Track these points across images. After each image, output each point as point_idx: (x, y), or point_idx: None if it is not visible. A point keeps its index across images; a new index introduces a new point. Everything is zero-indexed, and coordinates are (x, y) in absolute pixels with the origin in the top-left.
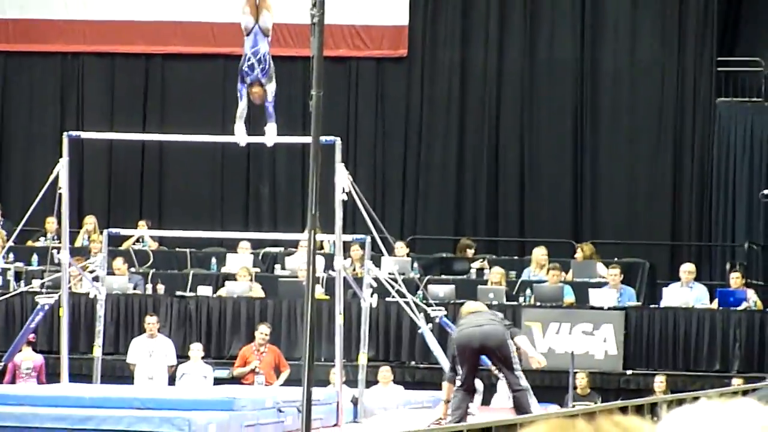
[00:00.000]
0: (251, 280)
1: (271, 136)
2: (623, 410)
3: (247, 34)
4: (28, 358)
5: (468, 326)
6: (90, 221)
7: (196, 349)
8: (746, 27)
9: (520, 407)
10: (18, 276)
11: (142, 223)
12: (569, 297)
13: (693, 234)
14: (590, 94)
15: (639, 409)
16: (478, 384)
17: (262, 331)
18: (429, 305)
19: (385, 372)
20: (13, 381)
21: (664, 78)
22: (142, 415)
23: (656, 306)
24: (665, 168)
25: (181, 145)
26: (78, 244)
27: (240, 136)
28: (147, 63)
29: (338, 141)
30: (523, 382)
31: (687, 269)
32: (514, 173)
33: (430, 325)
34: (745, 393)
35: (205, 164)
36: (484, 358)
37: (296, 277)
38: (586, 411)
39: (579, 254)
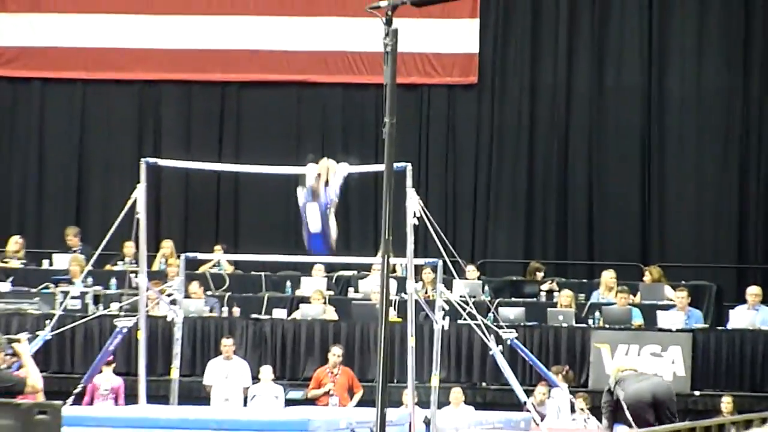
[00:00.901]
0: (325, 302)
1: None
2: (692, 431)
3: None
4: (106, 380)
5: (634, 382)
6: (167, 245)
7: (267, 371)
8: None
9: None
10: (96, 299)
11: (218, 247)
12: (637, 319)
13: (759, 256)
14: (657, 119)
15: (707, 430)
16: (565, 398)
17: (336, 353)
18: (500, 327)
19: (456, 393)
20: (91, 402)
21: (730, 103)
22: None
23: (723, 328)
24: (731, 191)
25: (257, 173)
26: (155, 267)
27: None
28: (223, 90)
29: (409, 167)
30: None
31: (753, 292)
32: (583, 197)
33: (501, 346)
34: None
35: (279, 189)
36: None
37: (369, 300)
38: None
39: (647, 277)
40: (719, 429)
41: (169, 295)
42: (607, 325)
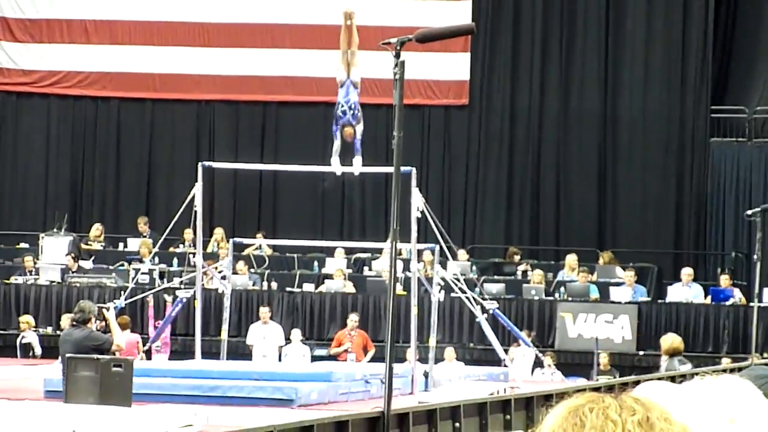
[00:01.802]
0: (345, 279)
1: (357, 166)
2: (636, 385)
3: (341, 86)
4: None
5: None
6: (219, 232)
7: (297, 334)
8: (734, 79)
9: None
10: (162, 275)
11: (259, 234)
12: (594, 294)
13: (692, 244)
14: (611, 135)
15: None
16: (531, 355)
17: (353, 318)
18: (484, 299)
19: (449, 351)
20: None
21: (669, 122)
22: (258, 385)
23: (663, 301)
24: (670, 192)
25: (291, 174)
26: (209, 250)
27: (336, 167)
28: (264, 109)
29: (414, 170)
30: None
31: (686, 272)
32: (551, 196)
33: (485, 315)
34: (732, 371)
35: (309, 188)
36: (519, 333)
37: (381, 277)
38: (607, 384)
39: (601, 260)
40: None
41: (220, 272)
42: (570, 298)
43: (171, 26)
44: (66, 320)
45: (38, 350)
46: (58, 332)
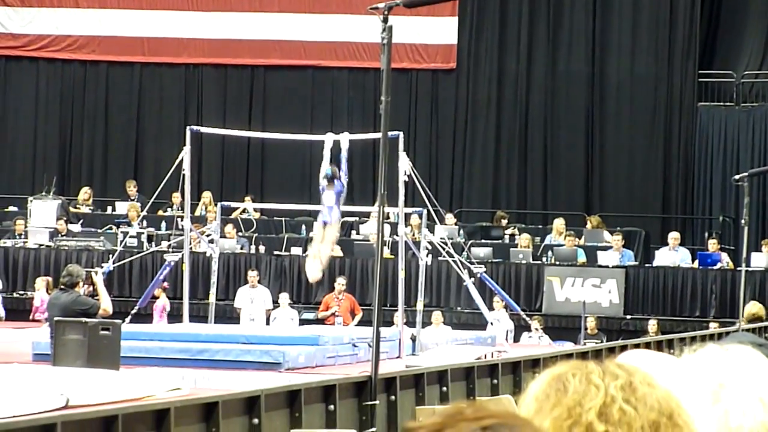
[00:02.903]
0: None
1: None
2: (623, 349)
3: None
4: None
5: None
6: (207, 196)
7: (285, 298)
8: (722, 44)
9: None
10: (150, 239)
11: (247, 197)
12: (582, 258)
13: (679, 208)
14: (599, 99)
15: (636, 348)
16: (508, 323)
17: (340, 282)
18: (472, 263)
19: (437, 315)
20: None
21: (657, 86)
22: (246, 349)
23: (650, 265)
24: (658, 157)
25: (279, 138)
26: (197, 213)
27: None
28: (252, 72)
29: (401, 135)
30: None
31: (673, 236)
32: (539, 160)
33: (473, 279)
34: (720, 336)
35: (296, 152)
36: (510, 301)
37: (368, 240)
38: (595, 349)
39: (589, 225)
40: (646, 346)
41: (208, 236)
42: (557, 263)
43: None
44: (41, 283)
45: (2, 313)
46: (27, 294)
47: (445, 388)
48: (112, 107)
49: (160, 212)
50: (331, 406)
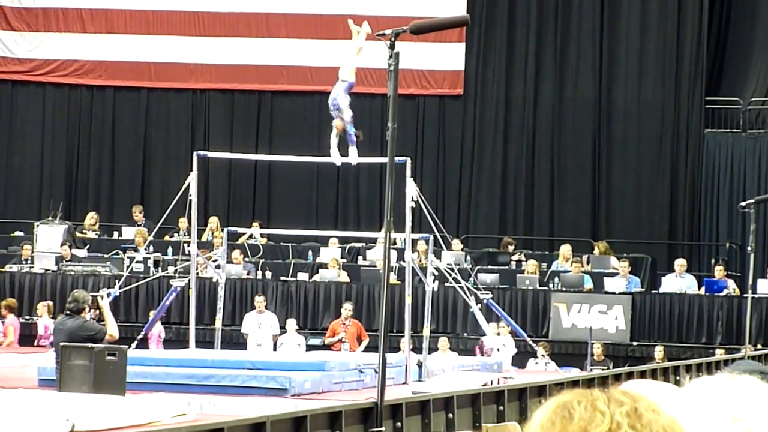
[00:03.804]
0: (339, 268)
1: (353, 156)
2: (630, 375)
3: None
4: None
5: None
6: (213, 221)
7: (291, 323)
8: (729, 71)
9: None
10: (156, 264)
11: (254, 223)
12: (588, 284)
13: (686, 235)
14: (606, 124)
15: (643, 375)
16: (512, 347)
17: (347, 308)
18: (478, 289)
19: (443, 341)
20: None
21: (664, 112)
22: (253, 374)
23: (656, 292)
24: (665, 183)
25: (286, 163)
26: (204, 239)
27: (335, 158)
28: (259, 98)
29: (408, 160)
30: None
31: (680, 263)
32: (546, 186)
33: (479, 305)
34: (726, 362)
35: (304, 178)
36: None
37: (375, 266)
38: (602, 375)
39: (596, 251)
40: (652, 373)
41: (214, 261)
42: (564, 289)
43: (166, 15)
44: (42, 308)
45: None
46: (33, 319)
47: (451, 415)
48: (118, 132)
49: (167, 237)
50: None
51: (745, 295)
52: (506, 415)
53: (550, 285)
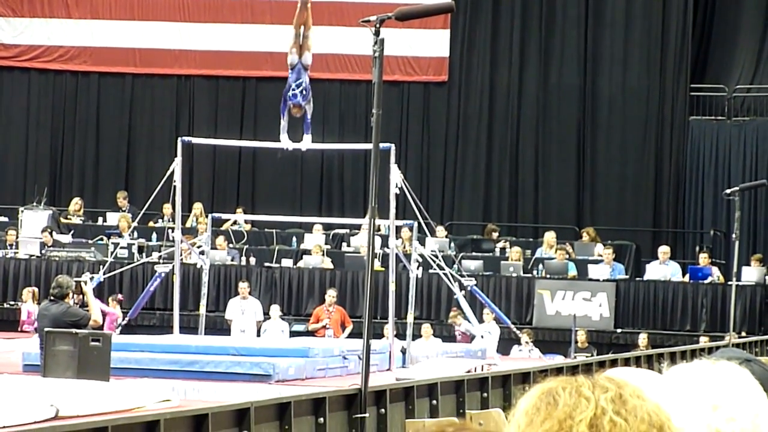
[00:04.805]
0: (323, 254)
1: (306, 143)
2: (614, 363)
3: (292, 69)
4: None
5: None
6: (198, 207)
7: (275, 310)
8: (714, 58)
9: None
10: (141, 250)
11: (238, 209)
12: (572, 271)
13: (670, 222)
14: (590, 112)
15: (626, 362)
16: (497, 334)
17: (331, 294)
18: (462, 276)
19: (426, 328)
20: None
21: (649, 99)
22: (237, 360)
23: (640, 279)
24: (649, 170)
25: (270, 149)
26: (188, 225)
27: (286, 143)
28: (244, 84)
29: (393, 147)
30: None
31: (663, 250)
32: (530, 173)
33: (463, 292)
34: (710, 350)
35: (288, 164)
36: (502, 315)
37: (359, 253)
38: (586, 362)
39: (585, 237)
40: (636, 360)
41: (198, 247)
42: (548, 276)
43: (151, 1)
44: (27, 294)
45: None
46: (17, 305)
47: (435, 401)
48: (103, 118)
49: (151, 223)
50: (321, 419)
51: (730, 283)
52: (490, 402)
53: (534, 272)
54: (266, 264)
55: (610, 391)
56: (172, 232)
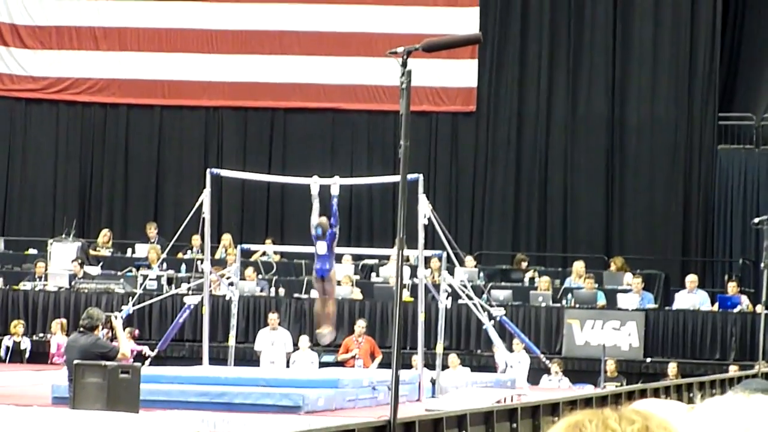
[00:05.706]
0: (353, 285)
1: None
2: (643, 392)
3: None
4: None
5: None
6: (227, 238)
7: (305, 340)
8: (742, 87)
9: None
10: (170, 281)
11: (267, 240)
12: (601, 300)
13: (699, 251)
14: (618, 141)
15: (656, 392)
16: (527, 364)
17: (360, 325)
18: (491, 306)
19: (453, 357)
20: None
21: (677, 128)
22: (266, 392)
23: (669, 308)
24: (677, 199)
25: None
26: (217, 256)
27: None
28: (272, 115)
29: (421, 177)
30: None
31: (690, 279)
32: (559, 202)
33: (492, 321)
34: (739, 379)
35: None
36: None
37: (388, 283)
38: (615, 392)
39: (613, 266)
40: (665, 390)
41: (227, 278)
42: (577, 305)
43: (179, 33)
44: (56, 326)
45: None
46: (47, 337)
47: None
48: (132, 150)
49: (180, 255)
50: None
51: (759, 311)
52: None
53: (563, 302)
54: (295, 295)
55: (636, 423)
56: (201, 263)
